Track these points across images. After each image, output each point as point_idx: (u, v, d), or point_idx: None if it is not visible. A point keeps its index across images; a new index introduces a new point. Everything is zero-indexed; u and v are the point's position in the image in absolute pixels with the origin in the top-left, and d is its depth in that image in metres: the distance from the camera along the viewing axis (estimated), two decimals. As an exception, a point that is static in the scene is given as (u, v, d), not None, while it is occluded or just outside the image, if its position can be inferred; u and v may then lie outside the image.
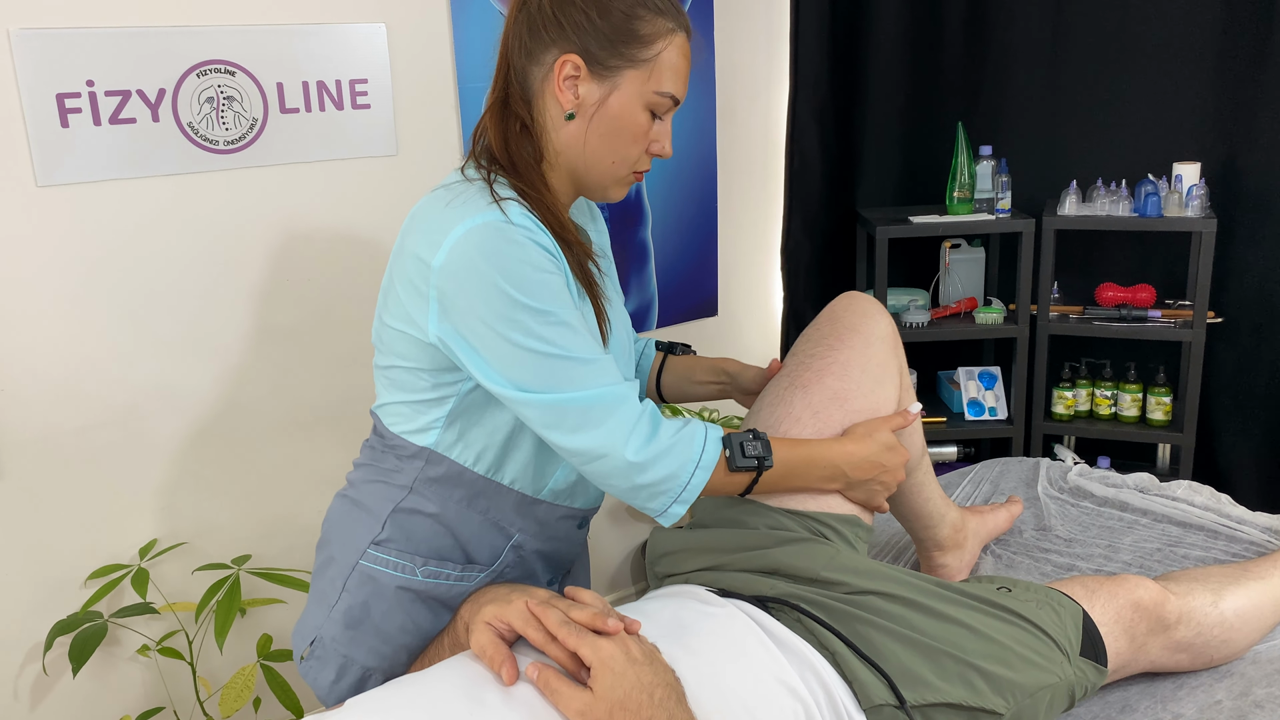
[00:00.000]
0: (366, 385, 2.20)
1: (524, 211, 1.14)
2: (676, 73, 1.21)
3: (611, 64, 1.17)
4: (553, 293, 1.12)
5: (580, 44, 1.17)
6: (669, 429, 1.16)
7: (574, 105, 1.19)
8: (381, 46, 2.08)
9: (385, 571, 1.26)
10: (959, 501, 1.96)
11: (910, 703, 1.12)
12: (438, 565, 1.27)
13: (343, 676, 1.28)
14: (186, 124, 1.89)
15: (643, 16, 1.17)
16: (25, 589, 1.88)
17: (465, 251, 1.09)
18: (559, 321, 1.12)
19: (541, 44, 1.18)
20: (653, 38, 1.18)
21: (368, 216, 2.14)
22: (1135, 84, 2.75)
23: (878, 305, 1.44)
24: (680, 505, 1.17)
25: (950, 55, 2.91)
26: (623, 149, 1.22)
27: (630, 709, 0.93)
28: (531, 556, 1.34)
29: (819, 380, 1.36)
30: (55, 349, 1.84)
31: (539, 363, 1.11)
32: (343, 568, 1.28)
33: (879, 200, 3.04)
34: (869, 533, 1.37)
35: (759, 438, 1.22)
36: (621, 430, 1.13)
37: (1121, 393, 2.82)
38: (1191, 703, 1.34)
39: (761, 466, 1.21)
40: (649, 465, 1.13)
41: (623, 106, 1.19)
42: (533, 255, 1.11)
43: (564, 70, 1.18)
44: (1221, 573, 1.48)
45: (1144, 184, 2.66)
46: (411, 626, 1.27)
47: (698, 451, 1.17)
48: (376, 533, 1.26)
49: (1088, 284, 2.88)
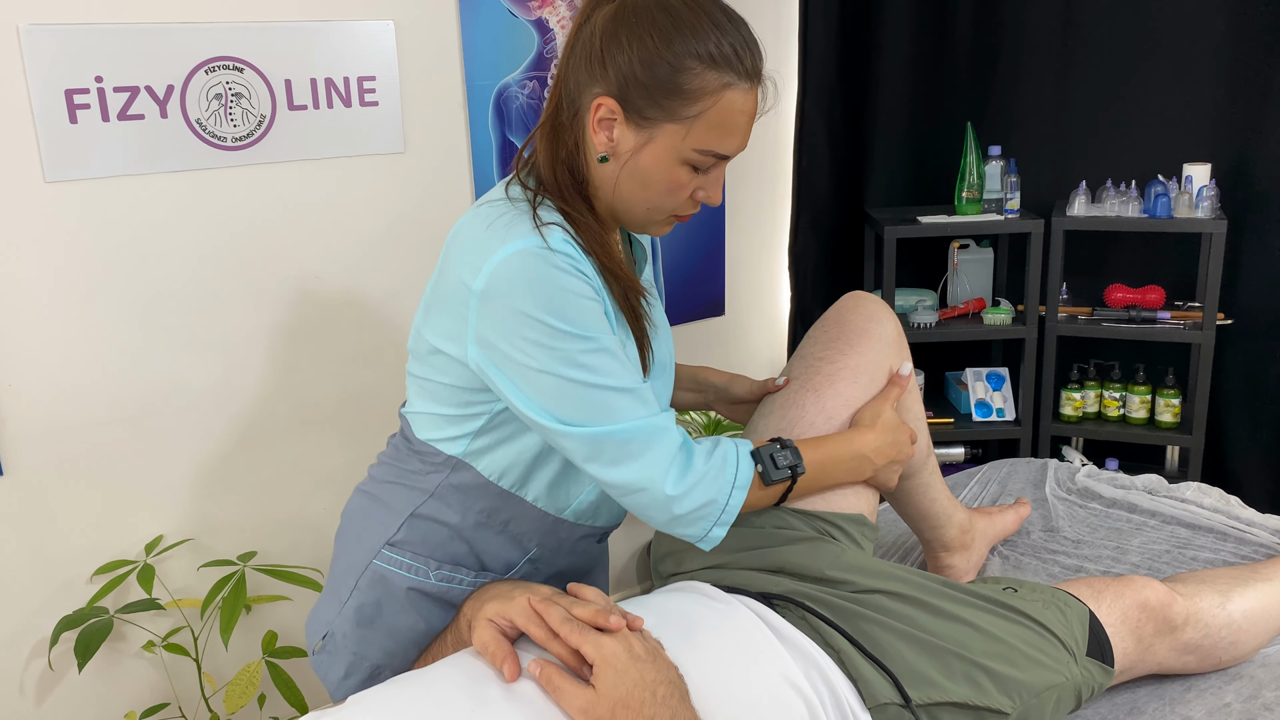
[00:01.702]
0: (374, 383, 2.20)
1: (566, 238, 1.10)
2: (726, 130, 1.11)
3: (649, 114, 1.10)
4: (593, 319, 1.10)
5: (620, 88, 1.09)
6: (702, 455, 1.14)
7: (608, 148, 1.13)
8: (390, 44, 2.08)
9: (398, 573, 1.25)
10: (966, 502, 1.96)
11: (916, 701, 1.11)
12: (451, 570, 1.26)
13: (352, 673, 1.27)
14: (195, 120, 1.89)
15: (692, 69, 1.08)
16: (32, 585, 1.88)
17: (506, 277, 1.07)
18: (599, 349, 1.10)
19: (589, 77, 1.12)
20: (699, 93, 1.08)
21: (375, 214, 2.14)
22: (1145, 84, 2.74)
23: (884, 306, 1.43)
24: (720, 528, 1.15)
25: (959, 55, 2.90)
26: (655, 199, 1.15)
27: (633, 706, 0.93)
28: (547, 570, 1.33)
29: (831, 385, 1.36)
30: (63, 345, 1.84)
31: (578, 393, 1.09)
32: (356, 565, 1.27)
33: (887, 200, 3.03)
34: (875, 531, 1.37)
35: (786, 446, 1.20)
36: (661, 463, 1.11)
37: (1130, 394, 2.80)
38: (1200, 705, 1.33)
39: (795, 474, 1.20)
40: (686, 495, 1.12)
41: (656, 160, 1.12)
42: (573, 282, 1.08)
43: (599, 112, 1.11)
44: (1230, 574, 1.47)
45: (1154, 184, 2.65)
46: (423, 625, 1.26)
47: (732, 473, 1.15)
48: (392, 533, 1.25)
49: (1097, 285, 2.87)
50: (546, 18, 2.29)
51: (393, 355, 2.21)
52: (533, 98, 2.30)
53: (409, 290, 2.21)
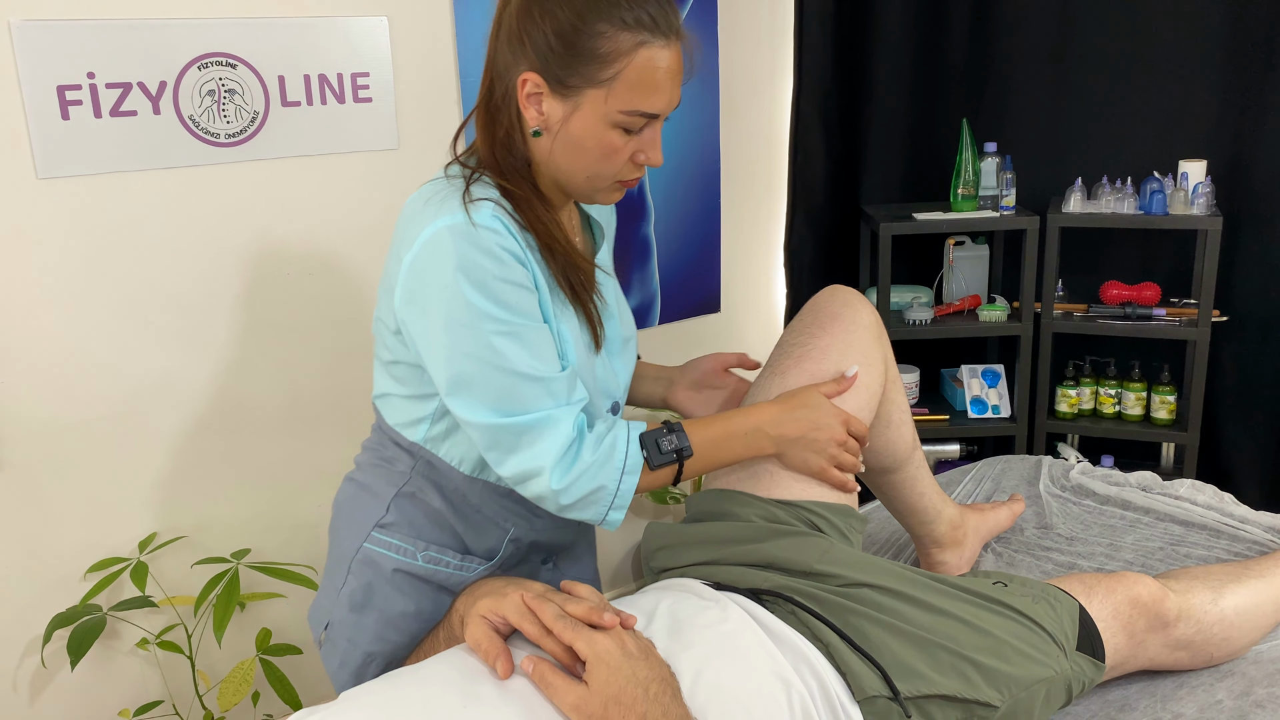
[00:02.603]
0: (365, 379, 2.20)
1: (495, 213, 1.13)
2: (646, 88, 1.12)
3: (571, 83, 1.12)
4: (510, 300, 1.12)
5: (540, 62, 1.12)
6: (590, 445, 1.17)
7: (539, 122, 1.16)
8: (383, 40, 2.08)
9: (386, 554, 1.28)
10: (960, 499, 1.96)
11: (904, 694, 1.12)
12: (438, 552, 1.28)
13: (347, 662, 1.29)
14: (188, 117, 1.89)
15: (603, 33, 1.10)
16: (24, 582, 1.88)
17: (430, 252, 1.11)
18: (511, 332, 1.12)
19: (512, 56, 1.15)
20: (613, 55, 1.10)
21: (368, 211, 2.14)
22: (1141, 81, 2.74)
23: (860, 296, 1.43)
24: (616, 511, 1.19)
25: (955, 51, 2.90)
26: (593, 166, 1.17)
27: (625, 703, 0.93)
28: (529, 547, 1.35)
29: (797, 365, 1.36)
30: (55, 342, 1.84)
31: (484, 374, 1.12)
32: (348, 551, 1.30)
33: (883, 197, 3.03)
34: (863, 523, 1.36)
35: (674, 429, 1.23)
36: (550, 455, 1.14)
37: (1126, 391, 2.80)
38: (1192, 702, 1.33)
39: (681, 457, 1.22)
40: (572, 486, 1.15)
41: (585, 127, 1.14)
42: (492, 262, 1.11)
43: (525, 88, 1.14)
44: (1223, 571, 1.47)
45: (1149, 181, 2.65)
46: (413, 608, 1.28)
47: (621, 459, 1.18)
48: (381, 515, 1.29)
49: (1092, 282, 2.87)
50: (541, 14, 2.28)
51: (387, 352, 2.21)
52: (527, 94, 2.29)
53: (403, 287, 2.20)
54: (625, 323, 1.36)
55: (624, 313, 1.37)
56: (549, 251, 1.18)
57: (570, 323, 1.22)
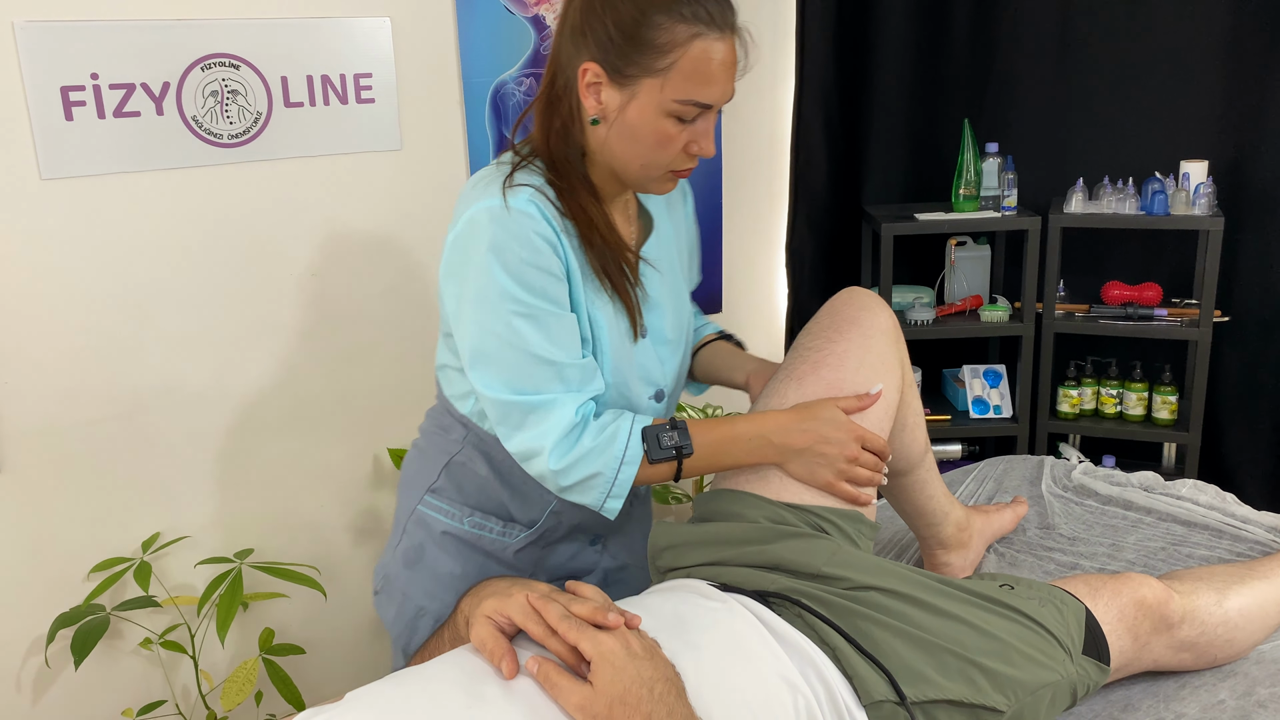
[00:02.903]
0: (369, 380, 2.20)
1: (533, 199, 1.19)
2: (701, 78, 1.17)
3: (629, 72, 1.18)
4: (534, 284, 1.19)
5: (600, 52, 1.18)
6: (591, 432, 1.22)
7: (598, 111, 1.21)
8: (386, 41, 2.08)
9: (436, 517, 1.38)
10: (962, 500, 1.96)
11: (911, 699, 1.11)
12: (483, 518, 1.37)
13: (401, 615, 1.38)
14: (190, 117, 1.89)
15: (659, 24, 1.15)
16: (28, 582, 1.88)
17: (469, 231, 1.19)
18: (530, 314, 1.18)
19: (574, 48, 1.21)
20: (669, 45, 1.16)
21: (372, 211, 2.14)
22: (1143, 81, 2.74)
23: (878, 299, 1.43)
24: (614, 500, 1.24)
25: (957, 52, 2.90)
26: (647, 154, 1.22)
27: (630, 704, 0.93)
28: (572, 526, 1.42)
29: (814, 372, 1.35)
30: (59, 342, 1.84)
31: (500, 351, 1.19)
32: (405, 511, 1.42)
33: (884, 197, 3.03)
34: (874, 529, 1.36)
35: (677, 427, 1.26)
36: (551, 436, 1.20)
37: (1127, 391, 2.80)
38: (1194, 702, 1.34)
39: (680, 455, 1.25)
40: (570, 469, 1.21)
41: (641, 115, 1.19)
42: (521, 247, 1.17)
43: (586, 78, 1.20)
44: (1226, 572, 1.47)
45: (1151, 182, 2.65)
46: (459, 570, 1.36)
47: (620, 449, 1.23)
48: (433, 480, 1.39)
49: (1094, 282, 2.87)
50: (543, 14, 2.29)
51: (389, 352, 2.21)
52: (530, 95, 2.29)
53: (405, 287, 2.21)
54: (676, 313, 1.40)
55: (677, 304, 1.41)
56: (587, 241, 1.24)
57: (605, 310, 1.27)
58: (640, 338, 1.32)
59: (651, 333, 1.35)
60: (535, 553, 1.42)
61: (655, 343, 1.36)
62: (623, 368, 1.31)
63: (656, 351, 1.36)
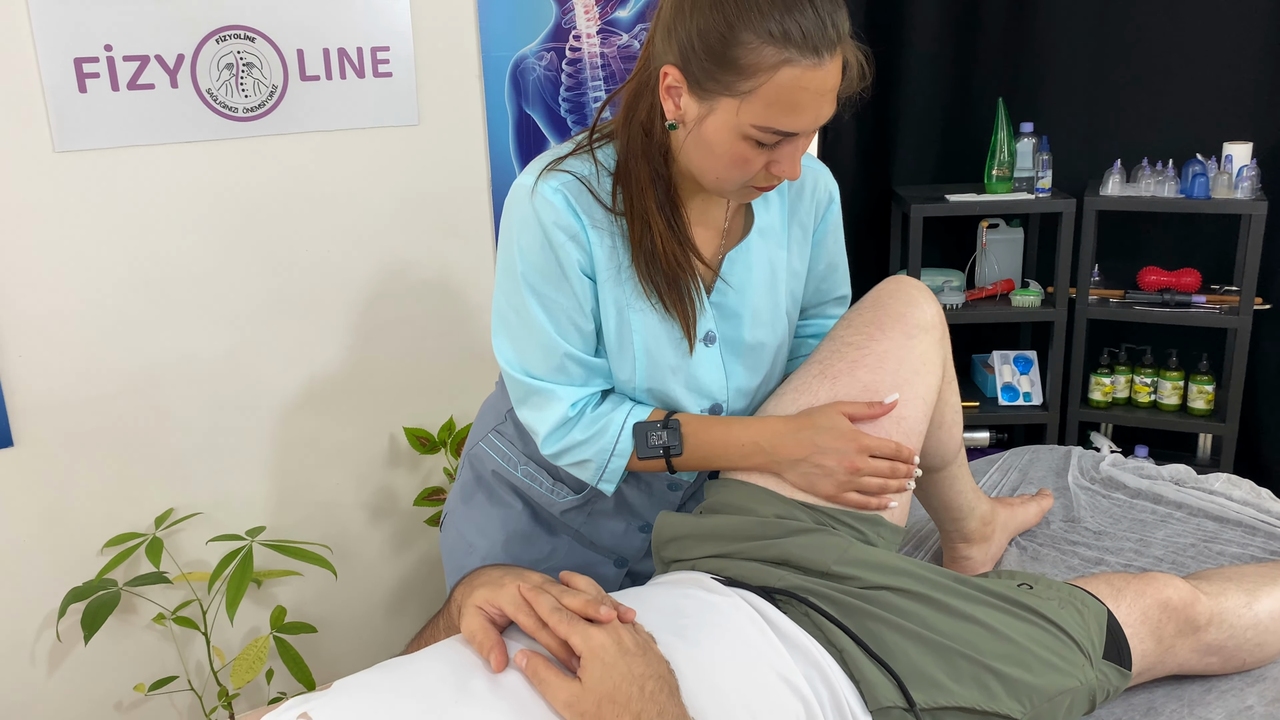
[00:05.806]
0: (384, 357, 2.18)
1: (561, 188, 1.18)
2: (785, 107, 1.07)
3: (708, 86, 1.09)
4: (538, 271, 1.20)
5: (682, 58, 1.10)
6: (584, 425, 1.25)
7: (676, 115, 1.14)
8: (404, 14, 2.04)
9: (492, 456, 1.43)
10: (985, 489, 1.91)
11: (920, 705, 1.07)
12: (535, 469, 1.41)
13: (454, 549, 1.43)
14: (205, 90, 1.87)
15: (747, 44, 1.05)
16: (41, 556, 1.88)
17: (511, 201, 1.23)
18: (538, 297, 1.21)
19: (663, 45, 1.13)
20: (754, 69, 1.05)
21: (388, 187, 2.11)
22: (1184, 59, 2.65)
23: (925, 291, 1.35)
24: (607, 484, 1.28)
25: (991, 28, 2.81)
26: (721, 171, 1.15)
27: (619, 701, 0.90)
28: (616, 500, 1.40)
29: (850, 372, 1.29)
30: (72, 317, 1.83)
31: (514, 323, 1.24)
32: (470, 447, 1.47)
33: (915, 178, 2.96)
34: (896, 532, 1.28)
35: (668, 425, 1.25)
36: (547, 422, 1.25)
37: (1162, 380, 2.73)
38: (1220, 707, 1.29)
39: (668, 455, 1.26)
40: (561, 455, 1.27)
41: (717, 133, 1.11)
42: (539, 229, 1.18)
43: (666, 80, 1.13)
44: (1257, 572, 1.41)
45: (1191, 164, 2.57)
46: (504, 511, 1.41)
47: (611, 441, 1.26)
48: (499, 421, 1.44)
49: (1130, 267, 2.80)
50: (565, -13, 2.24)
51: (405, 329, 2.19)
52: (550, 69, 2.25)
53: (422, 263, 2.18)
54: (758, 325, 1.32)
55: (765, 315, 1.32)
56: (637, 243, 1.20)
57: (647, 314, 1.23)
58: (706, 346, 1.27)
59: (724, 342, 1.30)
60: (581, 518, 1.42)
61: (728, 355, 1.31)
62: (663, 375, 1.26)
63: (725, 363, 1.31)
